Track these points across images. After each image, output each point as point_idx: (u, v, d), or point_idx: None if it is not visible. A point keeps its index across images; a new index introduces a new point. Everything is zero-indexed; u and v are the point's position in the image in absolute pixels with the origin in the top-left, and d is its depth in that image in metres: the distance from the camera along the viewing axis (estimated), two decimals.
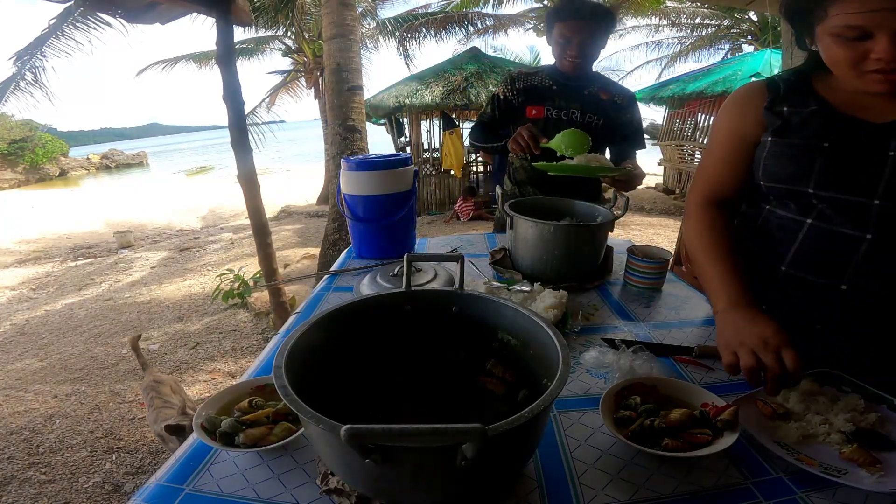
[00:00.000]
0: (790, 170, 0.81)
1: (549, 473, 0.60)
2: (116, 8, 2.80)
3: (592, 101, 1.67)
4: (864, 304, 0.78)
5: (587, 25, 1.53)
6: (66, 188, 20.14)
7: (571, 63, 1.60)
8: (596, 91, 1.69)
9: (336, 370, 0.63)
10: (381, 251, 1.44)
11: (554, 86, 1.69)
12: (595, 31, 1.55)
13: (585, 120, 1.68)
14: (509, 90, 1.74)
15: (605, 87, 1.70)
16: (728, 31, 12.79)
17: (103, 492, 2.02)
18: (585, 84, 1.68)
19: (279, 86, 11.18)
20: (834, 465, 0.59)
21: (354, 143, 4.35)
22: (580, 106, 1.67)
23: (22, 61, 6.83)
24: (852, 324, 0.81)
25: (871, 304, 0.77)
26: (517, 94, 1.72)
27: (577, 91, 1.67)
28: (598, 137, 1.69)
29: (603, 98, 1.68)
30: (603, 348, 0.88)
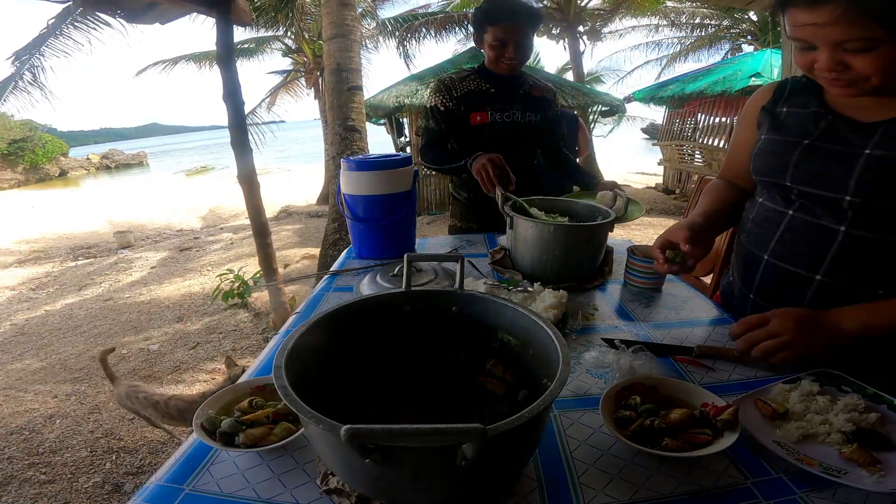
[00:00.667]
0: (771, 164, 0.88)
1: (549, 473, 0.60)
2: (116, 8, 2.80)
3: (528, 101, 1.70)
4: (839, 296, 0.81)
5: (521, 26, 1.53)
6: (66, 188, 20.15)
7: (510, 65, 1.60)
8: (529, 90, 1.71)
9: (336, 370, 0.63)
10: (381, 251, 1.44)
11: (492, 88, 1.67)
12: (528, 31, 1.56)
13: (526, 119, 1.70)
14: (447, 99, 1.66)
15: (535, 84, 1.74)
16: (728, 31, 12.79)
17: (103, 492, 2.02)
18: (519, 84, 1.70)
19: (279, 86, 11.19)
20: (834, 465, 0.59)
21: (354, 143, 4.35)
22: (520, 106, 1.69)
23: (21, 61, 6.83)
24: None
25: (846, 296, 0.81)
26: (457, 101, 1.66)
27: (514, 91, 1.68)
28: (535, 136, 1.76)
29: (536, 96, 1.72)
30: (603, 348, 0.88)
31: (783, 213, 0.88)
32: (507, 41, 1.55)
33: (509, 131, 1.70)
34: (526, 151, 1.77)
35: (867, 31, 0.67)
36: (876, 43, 0.68)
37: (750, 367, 0.83)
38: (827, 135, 0.81)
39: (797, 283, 0.86)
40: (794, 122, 0.87)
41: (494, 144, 1.63)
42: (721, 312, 1.06)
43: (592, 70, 16.27)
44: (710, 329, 0.98)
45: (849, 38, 0.68)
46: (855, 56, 0.70)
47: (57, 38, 6.39)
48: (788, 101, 0.90)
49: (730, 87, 7.00)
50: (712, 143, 7.73)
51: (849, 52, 0.70)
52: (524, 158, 1.75)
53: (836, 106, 0.83)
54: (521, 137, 1.73)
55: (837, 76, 0.74)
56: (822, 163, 0.80)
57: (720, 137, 7.61)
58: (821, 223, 0.82)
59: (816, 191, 0.81)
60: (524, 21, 1.53)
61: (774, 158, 0.88)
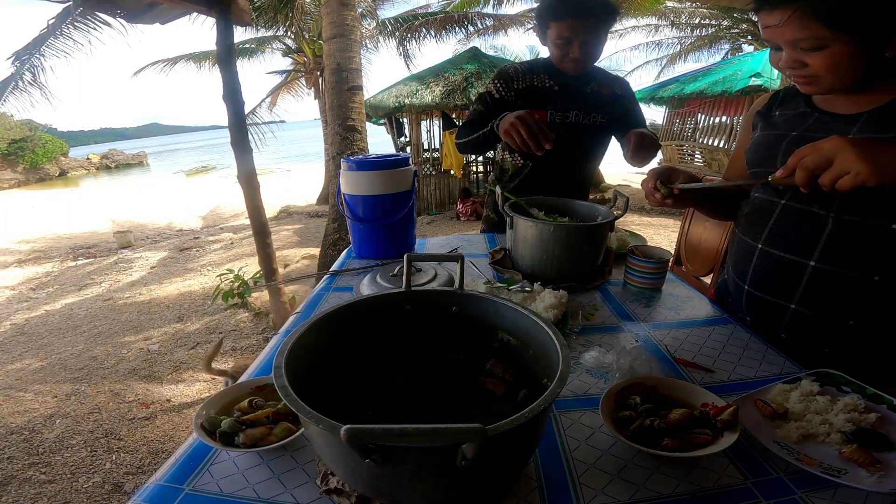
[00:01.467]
0: (762, 154, 0.95)
1: (549, 473, 0.60)
2: (116, 8, 2.80)
3: (595, 100, 1.56)
4: (834, 282, 0.83)
5: (589, 23, 1.37)
6: (66, 188, 20.15)
7: (574, 65, 1.46)
8: (598, 88, 1.56)
9: (336, 370, 0.63)
10: (381, 251, 1.44)
11: (556, 86, 1.54)
12: (598, 27, 1.40)
13: (590, 120, 1.57)
14: (504, 88, 1.56)
15: (605, 81, 1.58)
16: (728, 31, 12.79)
17: (103, 492, 2.02)
18: (586, 81, 1.55)
19: (279, 86, 11.18)
20: (834, 465, 0.59)
21: (354, 143, 4.35)
22: (584, 106, 1.55)
23: (21, 61, 6.83)
24: (825, 303, 0.85)
25: (841, 282, 0.83)
26: (515, 94, 1.56)
27: (580, 90, 1.55)
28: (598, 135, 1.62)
29: (605, 94, 1.57)
30: (603, 348, 0.88)
31: (775, 203, 0.92)
32: (572, 39, 1.39)
33: (570, 133, 1.56)
34: (587, 154, 1.66)
35: (816, 31, 0.74)
36: (825, 42, 0.75)
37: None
38: (813, 127, 0.89)
39: (792, 270, 0.88)
40: (784, 120, 0.95)
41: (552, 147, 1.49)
42: (721, 312, 1.06)
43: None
44: (710, 329, 0.98)
45: (801, 37, 0.76)
46: (809, 54, 0.78)
47: (57, 39, 6.39)
48: (781, 106, 0.99)
49: (730, 88, 7.00)
50: (712, 143, 7.74)
51: (804, 50, 0.78)
52: (584, 161, 1.66)
53: (822, 105, 0.91)
54: (584, 139, 1.61)
55: (798, 72, 0.82)
56: None
57: (720, 137, 7.61)
58: (811, 210, 0.86)
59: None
60: (593, 16, 1.36)
61: (765, 150, 0.94)
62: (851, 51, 0.75)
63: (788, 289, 0.89)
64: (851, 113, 0.84)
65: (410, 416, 0.69)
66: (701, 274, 1.77)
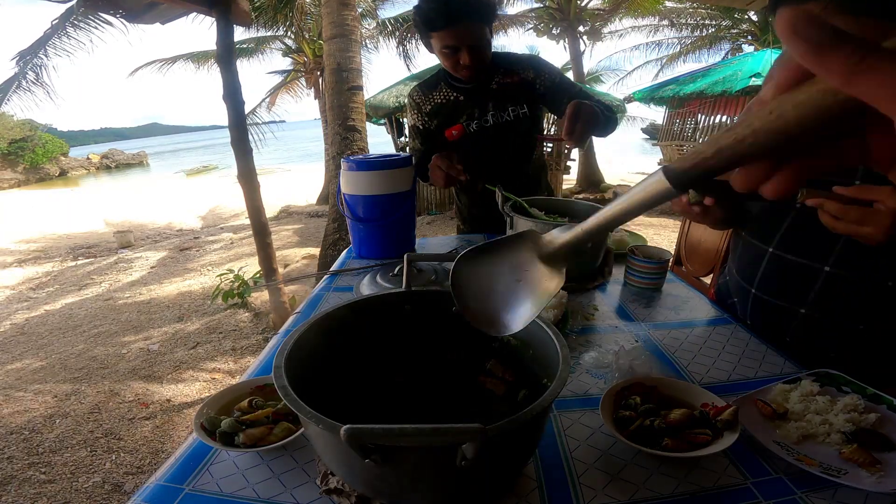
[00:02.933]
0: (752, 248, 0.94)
1: (549, 473, 0.60)
2: (117, 8, 2.81)
3: (505, 93, 1.46)
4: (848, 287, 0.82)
5: (470, 27, 1.28)
6: (67, 188, 20.14)
7: (469, 72, 1.38)
8: (503, 79, 1.46)
9: (336, 370, 0.63)
10: (381, 251, 1.44)
11: (460, 96, 1.49)
12: (480, 26, 1.30)
13: (510, 116, 1.48)
14: (418, 117, 1.56)
15: (510, 69, 1.47)
16: (728, 31, 12.79)
17: (103, 492, 2.02)
18: (489, 78, 1.46)
19: (279, 86, 11.18)
20: (834, 465, 0.59)
21: (354, 143, 4.35)
22: (496, 104, 1.47)
23: (24, 61, 6.84)
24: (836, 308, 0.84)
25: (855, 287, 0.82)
26: (428, 117, 1.54)
27: (485, 90, 1.47)
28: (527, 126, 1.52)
29: (514, 83, 1.46)
30: (603, 348, 0.88)
31: (789, 207, 0.90)
32: (459, 47, 1.32)
33: (492, 135, 1.52)
34: (518, 149, 1.59)
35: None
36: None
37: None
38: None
39: (804, 274, 0.87)
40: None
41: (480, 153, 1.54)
42: (721, 312, 1.06)
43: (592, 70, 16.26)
44: (710, 329, 0.98)
45: None
46: None
47: (59, 38, 6.40)
48: None
49: (730, 88, 7.00)
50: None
51: None
52: (518, 157, 1.60)
53: None
54: (509, 136, 1.53)
55: None
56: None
57: None
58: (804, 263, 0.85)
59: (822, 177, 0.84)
60: (474, 20, 1.28)
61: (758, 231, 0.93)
62: None
63: (799, 293, 0.88)
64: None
65: (410, 416, 0.69)
66: (701, 274, 1.77)
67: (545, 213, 1.32)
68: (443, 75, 1.52)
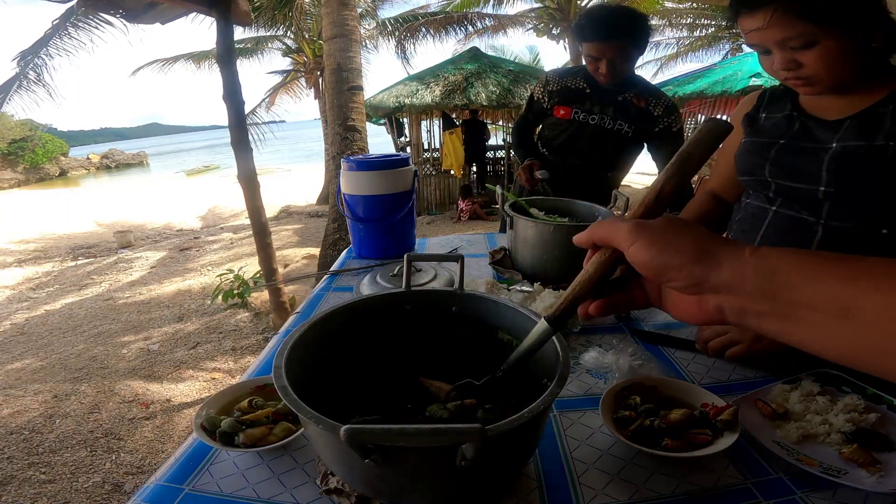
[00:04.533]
0: (752, 162, 0.94)
1: (549, 473, 0.60)
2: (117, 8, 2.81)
3: (625, 108, 1.63)
4: None
5: (616, 45, 1.47)
6: (67, 188, 20.14)
7: (604, 79, 1.57)
8: (631, 98, 1.63)
9: (336, 370, 0.63)
10: (381, 251, 1.44)
11: (588, 89, 1.66)
12: (625, 47, 1.49)
13: (616, 126, 1.65)
14: (541, 91, 1.74)
15: (643, 94, 1.64)
16: (728, 31, 12.78)
17: (103, 492, 2.02)
18: (621, 89, 1.63)
19: (279, 86, 11.18)
20: (834, 465, 0.58)
21: (354, 143, 4.35)
22: (612, 112, 1.64)
23: (25, 61, 6.85)
24: None
25: None
26: (549, 95, 1.72)
27: (612, 96, 1.63)
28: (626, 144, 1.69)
29: (638, 106, 1.63)
30: (603, 348, 0.88)
31: (767, 210, 0.92)
32: (600, 58, 1.51)
33: (591, 133, 1.67)
34: (603, 160, 1.73)
35: (801, 28, 0.73)
36: (814, 38, 0.73)
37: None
38: (799, 134, 0.87)
39: None
40: (771, 125, 0.94)
41: (570, 143, 1.72)
42: None
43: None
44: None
45: (788, 36, 0.74)
46: (801, 53, 0.76)
47: (60, 38, 6.41)
48: (768, 108, 0.97)
49: (730, 88, 7.00)
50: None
51: (795, 49, 0.76)
52: (598, 167, 1.72)
53: (808, 108, 0.89)
54: (603, 143, 1.68)
55: (794, 74, 0.79)
56: (796, 158, 0.87)
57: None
58: (802, 217, 0.86)
59: (793, 184, 0.86)
60: (619, 41, 1.46)
61: (754, 157, 0.93)
62: (842, 44, 0.74)
63: None
64: (835, 119, 0.83)
65: (410, 417, 0.68)
66: None
67: (545, 213, 1.32)
68: (584, 71, 1.69)
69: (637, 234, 0.35)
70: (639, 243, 0.35)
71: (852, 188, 0.79)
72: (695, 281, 0.33)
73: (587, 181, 1.73)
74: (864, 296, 0.27)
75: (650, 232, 0.35)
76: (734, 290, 0.32)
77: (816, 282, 0.29)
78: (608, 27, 1.45)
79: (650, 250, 0.34)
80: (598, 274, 0.40)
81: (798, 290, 0.29)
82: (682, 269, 0.33)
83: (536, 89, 1.77)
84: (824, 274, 0.29)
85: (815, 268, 0.29)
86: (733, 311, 0.33)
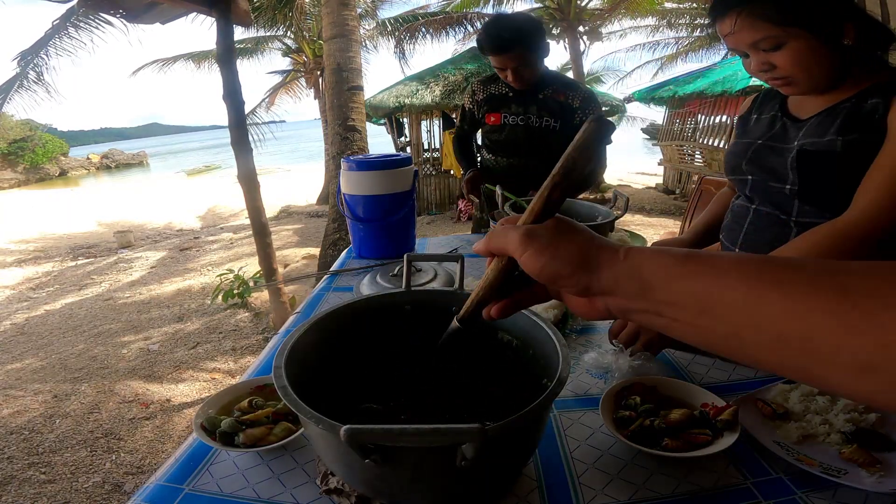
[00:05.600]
0: (733, 162, 0.98)
1: (549, 473, 0.60)
2: (117, 8, 2.81)
3: (547, 105, 1.69)
4: None
5: (510, 56, 1.53)
6: (67, 188, 20.13)
7: (515, 85, 1.65)
8: (550, 94, 1.69)
9: (336, 370, 0.63)
10: (381, 251, 1.44)
11: (510, 92, 1.73)
12: (522, 56, 1.55)
13: (543, 123, 1.71)
14: (471, 102, 1.83)
15: (562, 88, 1.70)
16: None
17: (103, 491, 2.02)
18: (540, 87, 1.69)
19: (279, 86, 11.18)
20: (834, 465, 0.59)
21: (354, 143, 4.35)
22: (536, 110, 1.70)
23: (26, 61, 6.85)
24: None
25: None
26: (478, 105, 1.80)
27: (532, 96, 1.70)
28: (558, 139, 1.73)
29: (558, 100, 1.70)
30: (603, 348, 0.88)
31: (748, 208, 0.96)
32: (503, 68, 1.59)
33: (522, 134, 1.74)
34: (543, 155, 1.77)
35: (767, 30, 0.75)
36: (781, 39, 0.75)
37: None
38: (776, 134, 0.91)
39: None
40: (758, 126, 0.97)
41: (509, 145, 1.79)
42: None
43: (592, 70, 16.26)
44: None
45: (756, 38, 0.76)
46: (772, 54, 0.78)
47: (61, 38, 6.41)
48: (760, 109, 1.00)
49: (730, 88, 7.00)
50: (712, 144, 7.73)
51: (766, 51, 0.78)
52: (542, 162, 1.77)
53: (790, 108, 0.92)
54: (537, 141, 1.74)
55: (770, 75, 0.81)
56: (768, 158, 0.90)
57: (720, 138, 7.61)
58: (776, 214, 0.89)
59: (766, 182, 0.90)
60: (513, 52, 1.52)
61: (735, 157, 0.97)
62: (810, 44, 0.75)
63: None
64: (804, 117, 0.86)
65: (410, 417, 0.68)
66: None
67: None
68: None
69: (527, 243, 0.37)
70: (529, 252, 0.37)
71: (814, 185, 0.82)
72: (582, 287, 0.36)
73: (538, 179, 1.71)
74: (721, 292, 0.29)
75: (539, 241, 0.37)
76: (614, 292, 0.35)
77: (680, 281, 0.31)
78: (500, 41, 1.51)
79: (540, 259, 0.36)
80: (498, 280, 0.42)
81: (663, 289, 0.32)
82: (571, 276, 0.36)
83: (466, 101, 1.85)
84: (689, 273, 0.31)
85: (679, 268, 0.31)
86: (618, 310, 0.36)
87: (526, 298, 0.43)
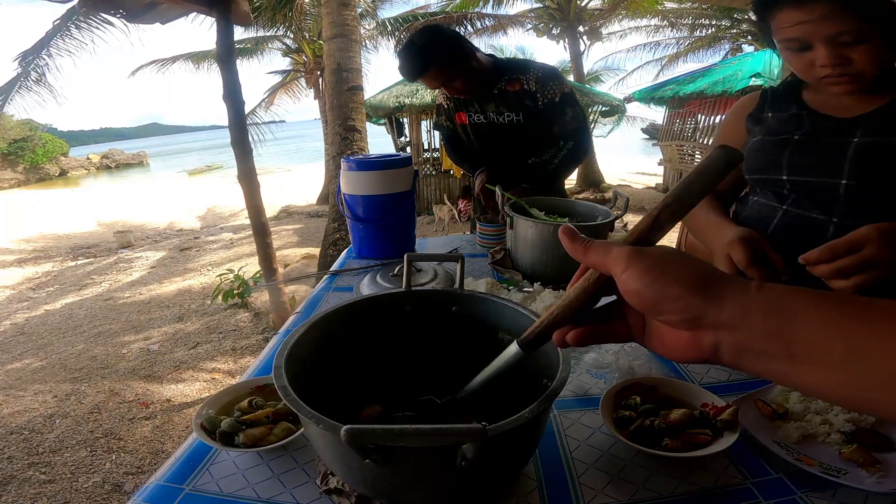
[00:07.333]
0: (764, 161, 0.92)
1: (549, 473, 0.60)
2: (117, 8, 2.81)
3: (504, 99, 1.60)
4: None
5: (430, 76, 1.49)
6: (67, 188, 20.13)
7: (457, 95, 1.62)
8: (505, 86, 1.58)
9: (336, 370, 0.63)
10: (381, 251, 1.44)
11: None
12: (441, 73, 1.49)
13: (505, 119, 1.62)
14: (444, 97, 1.78)
15: (515, 77, 1.57)
16: (728, 31, 12.78)
17: (103, 491, 2.02)
18: (494, 82, 1.60)
19: (279, 86, 11.18)
20: (834, 465, 0.58)
21: (354, 143, 4.35)
22: (494, 106, 1.62)
23: (27, 61, 6.85)
24: None
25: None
26: (449, 102, 1.77)
27: (488, 92, 1.61)
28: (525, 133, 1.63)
29: (514, 91, 1.57)
30: (603, 348, 0.88)
31: (776, 209, 0.91)
32: (438, 86, 1.57)
33: (488, 131, 1.68)
34: (514, 151, 1.68)
35: (854, 24, 0.71)
36: (866, 34, 0.72)
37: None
38: (814, 130, 0.86)
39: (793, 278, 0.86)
40: (779, 123, 0.93)
41: (481, 144, 1.75)
42: None
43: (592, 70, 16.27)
44: None
45: (842, 30, 0.72)
46: (852, 48, 0.73)
47: (62, 39, 6.41)
48: (772, 108, 0.96)
49: (730, 88, 7.00)
50: (712, 144, 7.73)
51: (847, 45, 0.73)
52: (514, 158, 1.68)
53: (816, 106, 0.88)
54: (504, 137, 1.67)
55: (841, 71, 0.76)
56: (816, 153, 0.85)
57: None
58: (812, 216, 0.85)
59: (813, 179, 0.85)
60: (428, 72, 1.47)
61: (767, 156, 0.91)
62: (884, 44, 0.73)
63: None
64: (848, 116, 0.82)
65: (410, 417, 0.68)
66: None
67: (546, 213, 1.32)
68: None
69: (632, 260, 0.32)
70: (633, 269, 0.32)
71: (874, 181, 0.79)
72: (693, 315, 0.31)
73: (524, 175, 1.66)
74: (877, 339, 0.26)
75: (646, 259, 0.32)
76: (736, 328, 0.30)
77: (829, 322, 0.28)
78: (411, 70, 1.47)
79: (645, 278, 0.32)
80: (580, 301, 0.37)
81: (808, 328, 0.28)
82: (679, 300, 0.31)
83: (440, 96, 1.79)
84: (836, 314, 0.28)
85: (827, 307, 0.28)
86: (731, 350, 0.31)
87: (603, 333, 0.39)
